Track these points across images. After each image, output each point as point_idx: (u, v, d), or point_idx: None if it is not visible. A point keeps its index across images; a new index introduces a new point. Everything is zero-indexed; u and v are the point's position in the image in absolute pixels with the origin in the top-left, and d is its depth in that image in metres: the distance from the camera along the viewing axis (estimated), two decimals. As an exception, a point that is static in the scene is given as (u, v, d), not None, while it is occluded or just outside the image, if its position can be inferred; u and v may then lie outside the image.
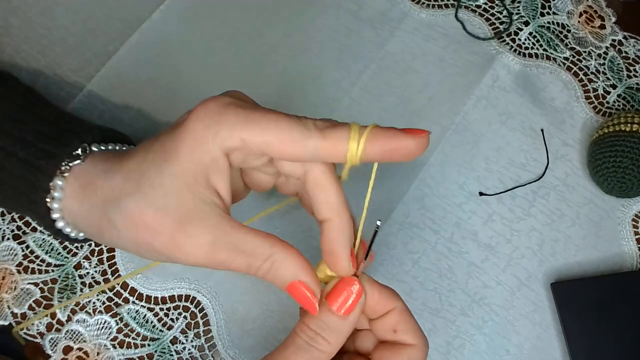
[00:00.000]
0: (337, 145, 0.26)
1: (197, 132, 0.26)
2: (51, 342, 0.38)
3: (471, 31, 0.48)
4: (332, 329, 0.28)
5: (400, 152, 0.27)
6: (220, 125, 0.26)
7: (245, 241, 0.27)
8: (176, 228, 0.26)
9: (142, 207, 0.27)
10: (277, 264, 0.27)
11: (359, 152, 0.26)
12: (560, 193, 0.43)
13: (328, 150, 0.26)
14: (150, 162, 0.28)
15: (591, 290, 0.40)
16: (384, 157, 0.27)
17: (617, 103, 0.46)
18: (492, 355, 0.39)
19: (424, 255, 0.42)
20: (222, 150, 0.26)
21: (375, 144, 0.26)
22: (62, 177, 0.31)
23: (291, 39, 0.47)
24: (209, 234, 0.27)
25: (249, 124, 0.26)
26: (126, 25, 0.46)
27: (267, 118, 0.26)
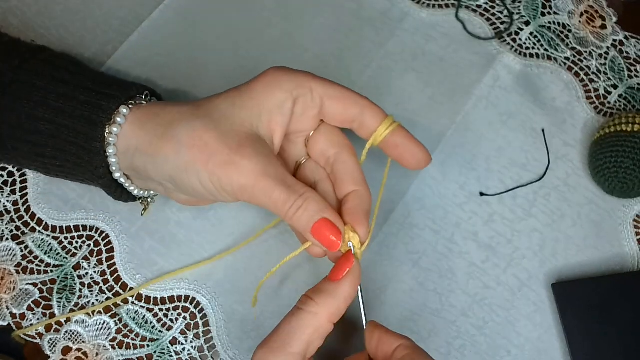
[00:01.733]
0: (375, 119, 0.33)
1: (275, 76, 0.32)
2: (50, 343, 0.38)
3: (472, 31, 0.48)
4: (322, 291, 0.30)
5: (408, 154, 0.34)
6: (295, 75, 0.32)
7: (287, 176, 0.31)
8: (235, 149, 0.30)
9: (209, 128, 0.31)
10: (308, 202, 0.30)
11: (383, 135, 0.33)
12: (561, 193, 0.43)
13: (369, 119, 0.33)
14: (224, 98, 0.32)
15: (592, 291, 0.40)
16: (395, 152, 0.34)
17: (618, 103, 0.46)
18: (492, 356, 0.39)
19: (424, 255, 0.41)
20: (292, 95, 0.32)
21: (397, 136, 0.34)
22: (127, 106, 0.33)
23: (291, 38, 0.47)
24: (262, 160, 0.30)
25: (316, 80, 0.33)
26: (125, 24, 0.46)
27: (328, 81, 0.33)
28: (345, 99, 0.33)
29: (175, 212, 0.41)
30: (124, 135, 0.33)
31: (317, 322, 0.29)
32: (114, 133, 0.33)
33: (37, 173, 0.41)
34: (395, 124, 0.34)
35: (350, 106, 0.33)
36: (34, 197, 0.41)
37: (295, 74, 0.33)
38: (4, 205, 0.41)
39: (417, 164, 0.34)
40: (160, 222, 0.41)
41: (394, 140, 0.34)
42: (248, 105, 0.32)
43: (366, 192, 0.34)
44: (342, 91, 0.33)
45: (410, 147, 0.34)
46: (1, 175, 0.42)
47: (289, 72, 0.33)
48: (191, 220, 0.41)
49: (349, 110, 0.33)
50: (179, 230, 0.41)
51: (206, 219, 0.41)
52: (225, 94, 0.33)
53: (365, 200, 0.33)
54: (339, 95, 0.33)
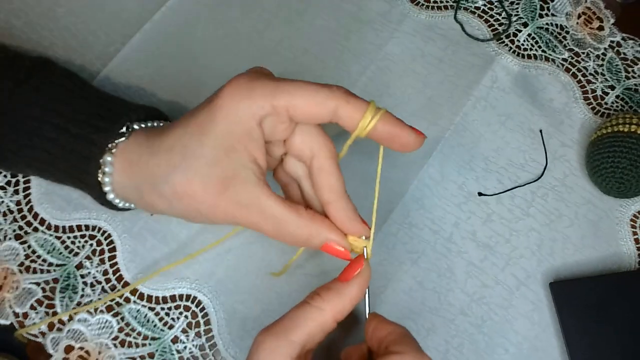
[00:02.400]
0: (355, 112, 0.30)
1: (231, 105, 0.30)
2: (53, 342, 0.38)
3: (470, 32, 0.48)
4: (330, 289, 0.30)
5: (400, 140, 0.32)
6: (251, 97, 0.30)
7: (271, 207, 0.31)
8: (220, 193, 0.30)
9: (189, 178, 0.30)
10: None
11: (369, 126, 0.31)
12: (558, 193, 0.44)
13: (346, 113, 0.30)
14: (190, 136, 0.31)
15: (590, 290, 0.40)
16: (386, 140, 0.32)
17: (616, 104, 0.46)
18: (490, 354, 0.40)
19: (423, 255, 0.42)
20: (255, 119, 0.30)
21: (384, 124, 0.31)
22: (110, 153, 0.33)
23: (291, 40, 0.47)
24: (247, 197, 0.30)
25: (278, 91, 0.30)
26: (128, 26, 0.47)
27: (293, 85, 0.30)
28: (312, 104, 0.30)
29: (176, 212, 0.42)
30: (116, 184, 0.34)
31: (321, 317, 0.29)
32: (107, 173, 0.34)
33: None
34: (379, 112, 0.31)
35: (319, 110, 0.30)
36: (37, 197, 0.42)
37: (251, 96, 0.30)
38: (7, 205, 0.41)
39: (410, 147, 0.32)
40: (162, 222, 0.42)
41: (381, 130, 0.31)
42: (215, 143, 0.30)
43: (346, 202, 0.33)
44: (308, 94, 0.30)
45: (399, 134, 0.31)
46: (4, 175, 0.42)
47: (244, 94, 0.30)
48: (192, 220, 0.42)
49: (320, 112, 0.30)
50: (180, 230, 0.41)
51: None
52: (190, 129, 0.31)
53: (347, 208, 0.33)
54: (305, 101, 0.30)
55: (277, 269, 0.41)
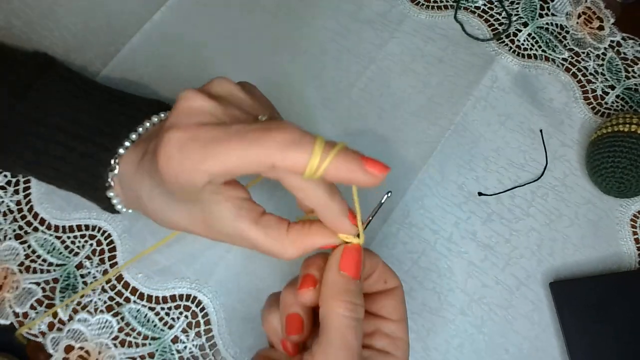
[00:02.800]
0: (297, 163, 0.25)
1: (174, 179, 0.27)
2: (53, 341, 0.38)
3: (470, 32, 0.48)
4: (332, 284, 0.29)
5: (357, 182, 0.26)
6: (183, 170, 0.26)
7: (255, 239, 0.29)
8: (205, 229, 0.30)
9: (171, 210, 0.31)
10: None
11: (318, 174, 0.25)
12: (558, 193, 0.44)
13: (287, 167, 0.25)
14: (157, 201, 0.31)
15: (590, 290, 0.40)
16: (341, 181, 0.26)
17: (616, 104, 0.46)
18: (491, 354, 0.40)
19: (423, 254, 0.42)
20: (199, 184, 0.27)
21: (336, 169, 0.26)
22: (113, 172, 0.34)
23: (291, 40, 0.47)
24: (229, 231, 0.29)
25: (208, 159, 0.26)
26: (127, 26, 0.47)
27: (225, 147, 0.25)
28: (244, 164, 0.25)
29: (176, 211, 0.42)
30: (122, 197, 0.35)
31: None
32: (113, 197, 0.35)
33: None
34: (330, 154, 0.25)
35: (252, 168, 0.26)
36: (37, 197, 0.42)
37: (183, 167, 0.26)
38: (8, 205, 0.41)
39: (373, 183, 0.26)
40: (162, 222, 0.42)
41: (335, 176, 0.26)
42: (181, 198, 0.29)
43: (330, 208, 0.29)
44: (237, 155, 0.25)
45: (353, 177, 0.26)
46: (5, 175, 0.42)
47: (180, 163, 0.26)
48: (192, 220, 0.42)
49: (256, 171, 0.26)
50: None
51: (207, 218, 0.42)
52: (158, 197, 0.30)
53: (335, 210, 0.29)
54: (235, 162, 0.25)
55: (277, 269, 0.41)
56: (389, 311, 0.31)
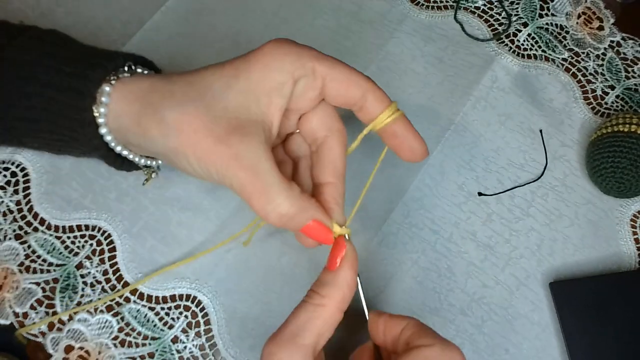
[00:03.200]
0: (379, 103, 0.32)
1: (275, 55, 0.30)
2: (53, 341, 0.38)
3: (470, 32, 0.48)
4: (324, 283, 0.30)
5: (409, 145, 0.33)
6: (297, 54, 0.30)
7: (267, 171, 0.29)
8: (221, 140, 0.29)
9: (200, 112, 0.29)
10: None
11: (388, 120, 0.32)
12: (558, 193, 0.44)
13: (372, 101, 0.32)
14: (218, 77, 0.30)
15: (590, 290, 0.40)
16: (394, 142, 0.33)
17: (616, 104, 0.46)
18: (491, 354, 0.40)
19: (423, 255, 0.42)
20: (293, 76, 0.30)
21: (401, 125, 0.32)
22: (109, 84, 0.32)
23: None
24: (248, 154, 0.29)
25: (321, 58, 0.31)
26: (127, 26, 0.47)
27: (334, 59, 0.31)
28: (348, 81, 0.31)
29: (176, 211, 0.42)
30: (113, 114, 0.32)
31: (325, 312, 0.29)
32: (102, 113, 0.32)
33: (40, 173, 0.42)
34: (398, 112, 0.32)
35: (352, 89, 0.31)
36: (37, 197, 0.42)
37: (297, 52, 0.30)
38: (7, 205, 0.41)
39: (414, 157, 0.33)
40: (162, 222, 0.42)
41: (394, 129, 0.32)
42: (244, 87, 0.30)
43: (342, 186, 0.33)
44: (346, 72, 0.31)
45: (409, 140, 0.32)
46: (4, 175, 0.42)
47: (290, 49, 0.30)
48: (193, 220, 0.42)
49: (350, 93, 0.32)
50: (180, 230, 0.41)
51: (208, 218, 0.42)
52: (220, 71, 0.30)
53: (341, 194, 0.33)
54: (342, 77, 0.31)
55: (277, 269, 0.41)
56: None
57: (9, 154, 0.43)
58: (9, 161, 0.42)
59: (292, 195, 0.29)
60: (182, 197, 0.42)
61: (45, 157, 0.43)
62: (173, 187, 0.42)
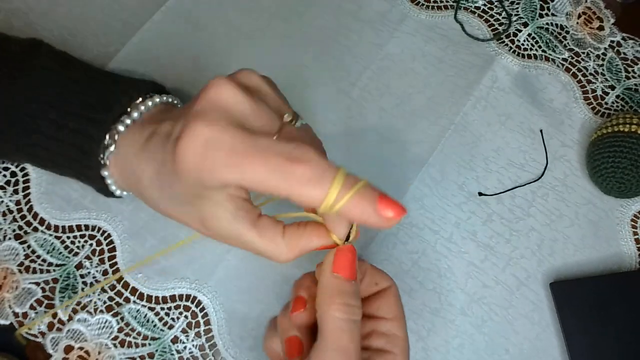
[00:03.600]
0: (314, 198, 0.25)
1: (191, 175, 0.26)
2: (52, 342, 0.38)
3: (470, 32, 0.48)
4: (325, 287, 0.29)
5: (369, 224, 0.26)
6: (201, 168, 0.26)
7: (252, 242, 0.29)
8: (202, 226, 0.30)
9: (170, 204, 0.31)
10: None
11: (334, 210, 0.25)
12: (559, 193, 0.44)
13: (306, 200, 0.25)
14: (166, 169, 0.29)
15: (590, 290, 0.40)
16: (354, 221, 0.29)
17: (616, 104, 0.46)
18: (491, 354, 0.40)
19: (423, 255, 0.42)
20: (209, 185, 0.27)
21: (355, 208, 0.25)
22: (108, 149, 0.33)
23: (291, 40, 0.47)
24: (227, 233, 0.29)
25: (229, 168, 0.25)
26: (127, 26, 0.47)
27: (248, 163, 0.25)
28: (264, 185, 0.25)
29: (176, 211, 0.42)
30: (113, 176, 0.34)
31: None
32: (107, 177, 0.34)
33: (40, 173, 0.42)
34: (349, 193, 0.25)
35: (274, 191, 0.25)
36: (37, 197, 0.42)
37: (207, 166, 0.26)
38: (7, 205, 0.41)
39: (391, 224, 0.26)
40: (162, 222, 0.41)
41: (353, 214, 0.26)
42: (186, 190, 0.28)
43: None
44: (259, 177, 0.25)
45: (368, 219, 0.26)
46: (4, 175, 0.42)
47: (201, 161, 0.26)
48: (192, 220, 0.42)
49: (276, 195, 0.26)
50: (180, 230, 0.41)
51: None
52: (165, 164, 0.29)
53: None
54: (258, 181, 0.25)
55: (277, 269, 0.41)
56: (385, 311, 0.31)
57: (8, 153, 0.43)
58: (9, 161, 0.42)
59: (283, 249, 0.30)
60: (182, 197, 0.42)
61: (45, 157, 0.43)
62: (173, 187, 0.42)
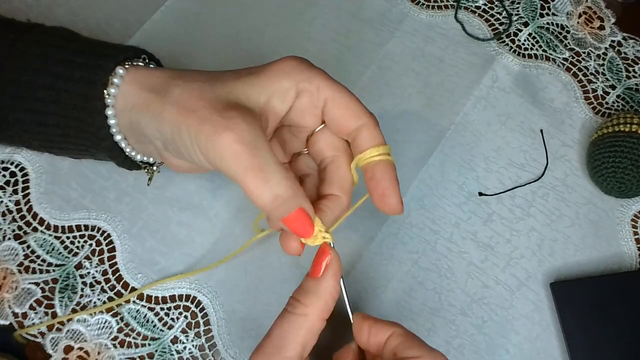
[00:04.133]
0: (372, 140, 0.32)
1: (287, 65, 0.31)
2: (52, 342, 0.38)
3: (471, 32, 0.48)
4: (307, 291, 0.30)
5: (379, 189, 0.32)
6: (306, 70, 0.31)
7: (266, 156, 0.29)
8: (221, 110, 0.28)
9: (204, 90, 0.30)
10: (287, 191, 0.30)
11: (367, 160, 0.32)
12: (559, 193, 0.44)
13: (366, 136, 0.32)
14: (232, 72, 0.31)
15: (590, 290, 0.40)
16: (370, 183, 0.32)
17: (616, 104, 0.46)
18: (491, 354, 0.40)
19: (423, 255, 0.42)
20: (298, 86, 0.31)
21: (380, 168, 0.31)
22: (124, 67, 0.32)
23: (291, 39, 0.47)
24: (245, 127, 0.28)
25: (326, 81, 0.31)
26: (127, 26, 0.47)
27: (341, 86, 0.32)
28: (347, 109, 0.31)
29: (176, 212, 0.42)
30: (122, 94, 0.32)
31: (308, 323, 0.29)
32: (111, 94, 0.32)
33: (39, 173, 0.42)
34: (386, 156, 0.32)
35: (350, 118, 0.31)
36: (36, 197, 0.41)
37: (307, 69, 0.31)
38: (7, 205, 0.41)
39: (384, 207, 0.32)
40: (162, 222, 0.41)
41: (374, 171, 0.31)
42: (253, 82, 0.30)
43: (347, 202, 0.33)
44: (349, 100, 0.31)
45: (383, 186, 0.31)
46: (3, 175, 0.42)
47: (303, 64, 0.31)
48: (192, 220, 0.42)
49: (347, 122, 0.32)
50: (180, 230, 0.41)
51: (207, 218, 0.42)
52: (236, 70, 0.32)
53: (343, 209, 0.33)
54: (344, 103, 0.31)
55: (277, 269, 0.41)
56: None
57: (8, 153, 0.42)
58: (8, 161, 0.42)
59: (289, 177, 0.29)
60: (182, 197, 0.42)
61: (44, 157, 0.42)
62: (173, 187, 0.42)
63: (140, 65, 0.33)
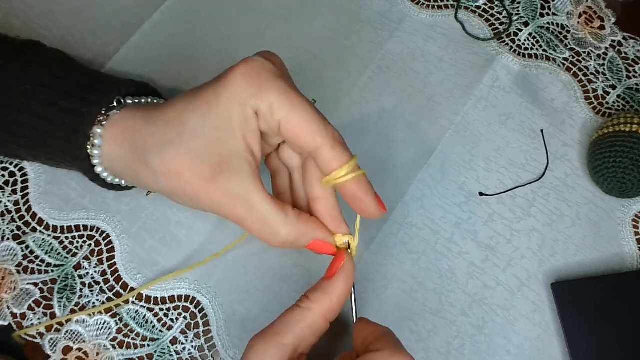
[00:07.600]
0: (333, 161, 0.30)
1: (238, 87, 0.29)
2: (51, 343, 0.38)
3: (471, 32, 0.48)
4: (316, 289, 0.31)
5: (361, 205, 0.31)
6: (259, 87, 0.29)
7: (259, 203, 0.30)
8: (209, 178, 0.29)
9: (181, 155, 0.29)
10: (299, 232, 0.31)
11: (339, 180, 0.30)
12: (560, 193, 0.43)
13: (323, 157, 0.30)
14: (192, 112, 0.30)
15: (591, 291, 0.40)
16: (349, 199, 0.32)
17: (617, 104, 0.46)
18: (492, 355, 0.39)
19: (424, 255, 0.42)
20: (254, 110, 0.29)
21: (354, 185, 0.31)
22: (100, 125, 0.33)
23: (291, 39, 0.47)
24: (237, 188, 0.29)
25: (284, 98, 0.29)
26: (126, 26, 0.46)
27: (297, 98, 0.29)
28: (301, 129, 0.29)
29: (175, 212, 0.42)
30: (106, 156, 0.34)
31: (310, 317, 0.30)
32: (96, 155, 0.34)
33: (38, 173, 0.42)
34: (353, 173, 0.30)
35: (305, 138, 0.30)
36: (35, 197, 0.41)
37: (259, 85, 0.29)
38: (5, 205, 0.41)
39: (369, 216, 0.32)
40: (161, 222, 0.41)
41: (346, 191, 0.31)
42: (217, 123, 0.29)
43: (332, 198, 0.33)
44: (302, 121, 0.29)
45: (364, 201, 0.31)
46: (2, 175, 0.42)
47: (254, 79, 0.29)
48: (192, 220, 0.41)
49: (303, 144, 0.30)
50: (179, 230, 0.41)
51: (207, 219, 0.42)
52: (194, 105, 0.30)
53: (333, 205, 0.33)
54: (297, 124, 0.29)
55: (276, 269, 0.41)
56: None
57: (7, 153, 0.42)
58: (7, 161, 0.42)
59: (289, 222, 0.31)
60: (181, 197, 0.42)
61: (43, 157, 0.42)
62: (172, 187, 0.42)
63: (116, 114, 0.33)
